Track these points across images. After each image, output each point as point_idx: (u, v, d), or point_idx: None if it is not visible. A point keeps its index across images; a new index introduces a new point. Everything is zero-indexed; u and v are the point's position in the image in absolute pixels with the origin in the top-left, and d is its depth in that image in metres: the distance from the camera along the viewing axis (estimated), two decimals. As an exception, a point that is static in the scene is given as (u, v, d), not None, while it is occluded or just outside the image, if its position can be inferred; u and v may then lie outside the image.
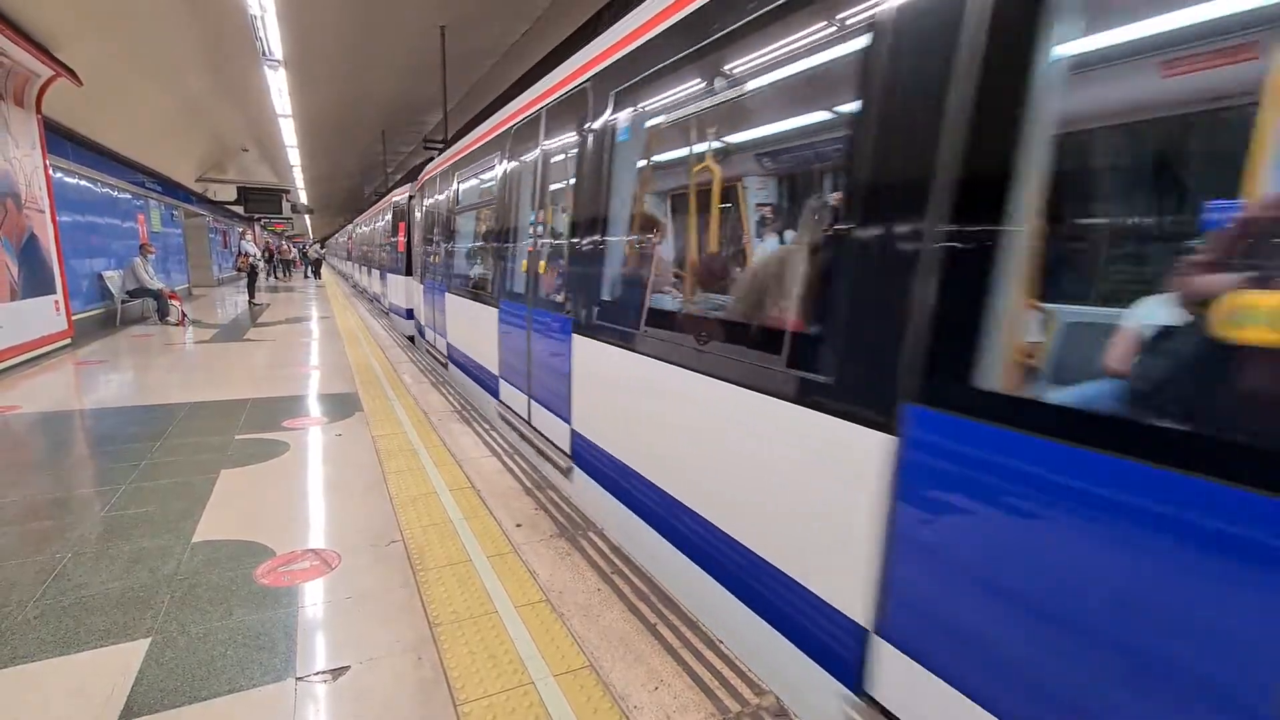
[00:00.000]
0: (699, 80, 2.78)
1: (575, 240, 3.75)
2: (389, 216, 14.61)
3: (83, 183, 10.83)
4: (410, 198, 11.78)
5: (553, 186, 4.53)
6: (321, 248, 43.79)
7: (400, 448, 4.70)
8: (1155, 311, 1.64)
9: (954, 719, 1.54)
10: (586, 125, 3.74)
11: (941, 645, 1.58)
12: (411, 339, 11.45)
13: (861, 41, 1.87)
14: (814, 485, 1.98)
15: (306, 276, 29.85)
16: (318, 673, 2.23)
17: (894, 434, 1.66)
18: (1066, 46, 1.42)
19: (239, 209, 20.75)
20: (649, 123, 3.27)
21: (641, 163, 3.44)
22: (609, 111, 3.47)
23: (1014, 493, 1.39)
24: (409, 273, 12.05)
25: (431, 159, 10.27)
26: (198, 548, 3.11)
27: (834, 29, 2.05)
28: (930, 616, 1.61)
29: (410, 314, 11.83)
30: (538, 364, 4.46)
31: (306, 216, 41.27)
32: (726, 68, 2.59)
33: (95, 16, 8.10)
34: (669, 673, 2.24)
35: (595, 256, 3.53)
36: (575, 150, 3.93)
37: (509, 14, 9.62)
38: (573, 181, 3.91)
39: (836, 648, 1.93)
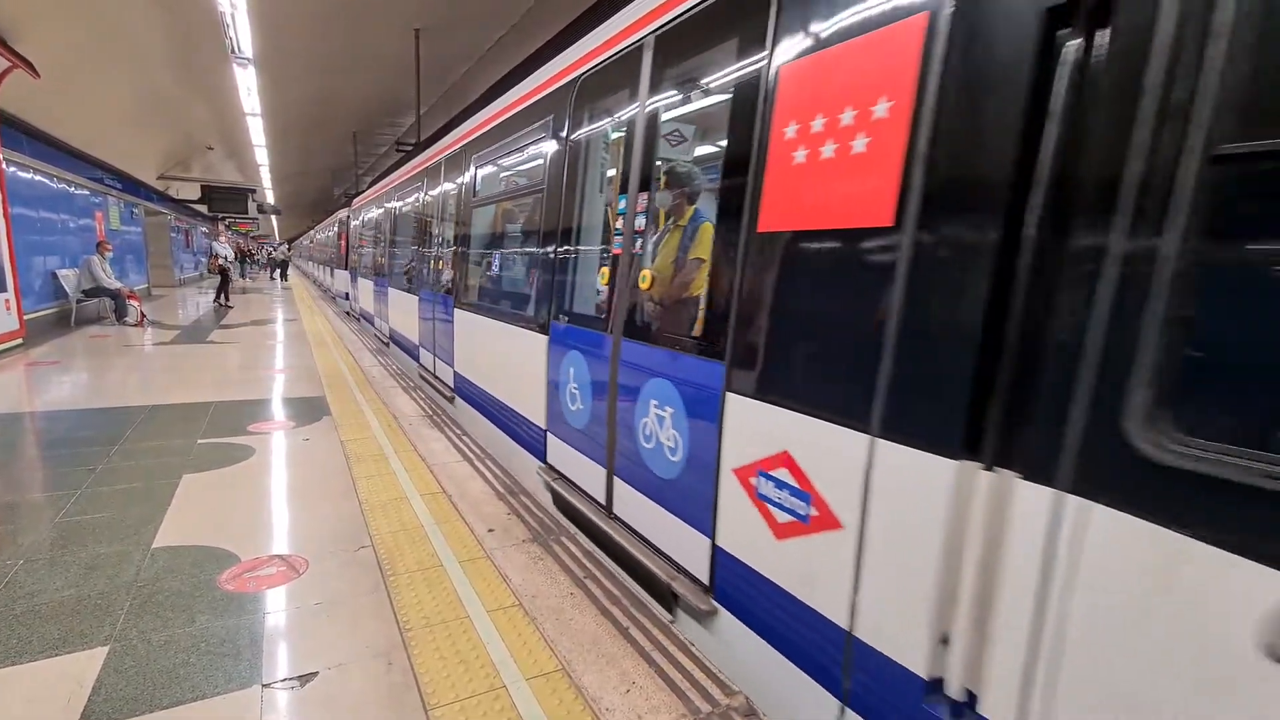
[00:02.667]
0: (500, 158, 5.15)
1: (454, 247, 6.27)
2: (335, 228, 20.06)
3: (38, 177, 10.46)
4: (348, 215, 16.39)
5: (445, 212, 6.91)
6: (289, 249, 42.85)
7: (370, 452, 4.64)
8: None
9: (567, 458, 3.68)
10: (459, 179, 6.21)
11: (561, 426, 3.73)
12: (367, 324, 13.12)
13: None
14: (524, 364, 4.19)
15: (272, 278, 29.13)
16: (285, 679, 2.19)
17: (546, 334, 3.83)
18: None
19: (202, 208, 20.24)
20: (483, 177, 5.65)
21: (484, 205, 5.75)
22: (470, 170, 5.81)
23: (572, 346, 3.51)
24: (345, 268, 16.73)
25: (406, 159, 10.22)
26: (158, 554, 3.03)
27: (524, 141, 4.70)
28: (560, 413, 3.71)
29: (348, 296, 16.22)
30: (438, 330, 6.75)
31: (274, 217, 40.43)
32: (504, 159, 5.12)
33: (55, 7, 7.86)
34: (641, 675, 2.26)
35: (464, 257, 5.99)
36: (454, 192, 6.46)
37: (485, 19, 9.60)
38: (452, 212, 6.52)
39: (536, 443, 4.08)
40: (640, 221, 2.97)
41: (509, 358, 4.54)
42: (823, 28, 1.95)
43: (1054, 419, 1.32)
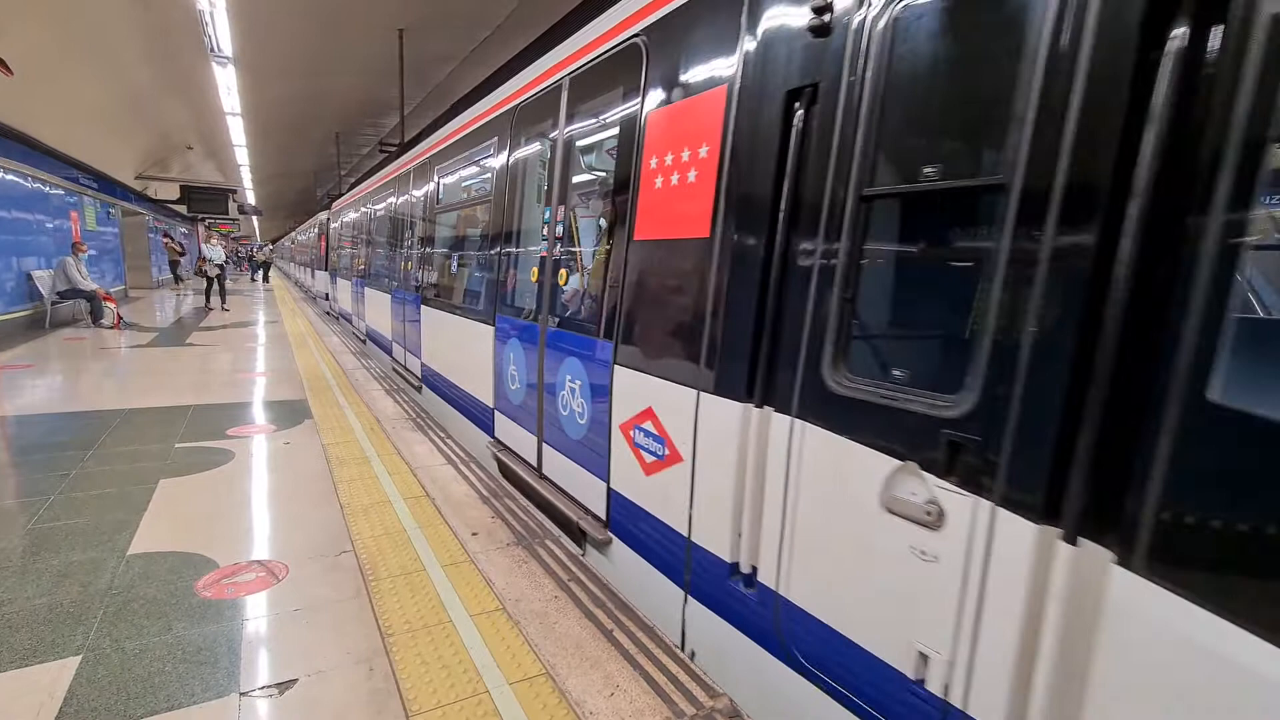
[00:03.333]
0: (458, 170, 5.89)
1: (420, 249, 7.04)
2: (315, 230, 20.21)
3: (10, 177, 10.24)
4: (328, 217, 16.74)
5: (413, 217, 7.43)
6: (271, 249, 42.29)
7: (352, 456, 4.59)
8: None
9: (509, 430, 4.25)
10: (425, 187, 6.86)
11: (504, 403, 4.32)
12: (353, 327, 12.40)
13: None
14: (476, 352, 4.76)
15: (254, 280, 28.71)
16: (263, 687, 2.16)
17: (493, 325, 4.39)
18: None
19: (182, 208, 19.93)
20: (444, 186, 6.31)
21: (445, 212, 6.42)
22: (434, 180, 6.46)
23: (511, 335, 4.13)
24: (326, 269, 17.17)
25: (388, 160, 10.15)
26: (134, 560, 2.98)
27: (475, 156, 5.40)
28: (504, 393, 4.30)
29: (328, 297, 16.49)
30: (408, 326, 7.32)
31: (255, 218, 39.93)
32: (461, 171, 5.88)
33: (28, 3, 7.70)
34: (625, 678, 2.25)
35: (428, 258, 6.75)
36: (421, 199, 7.10)
37: (469, 20, 9.57)
38: (419, 217, 7.15)
39: (486, 420, 4.66)
40: (560, 229, 3.58)
41: (464, 347, 5.17)
42: (671, 87, 2.59)
43: (789, 371, 1.95)
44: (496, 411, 4.44)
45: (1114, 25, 1.22)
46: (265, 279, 27.59)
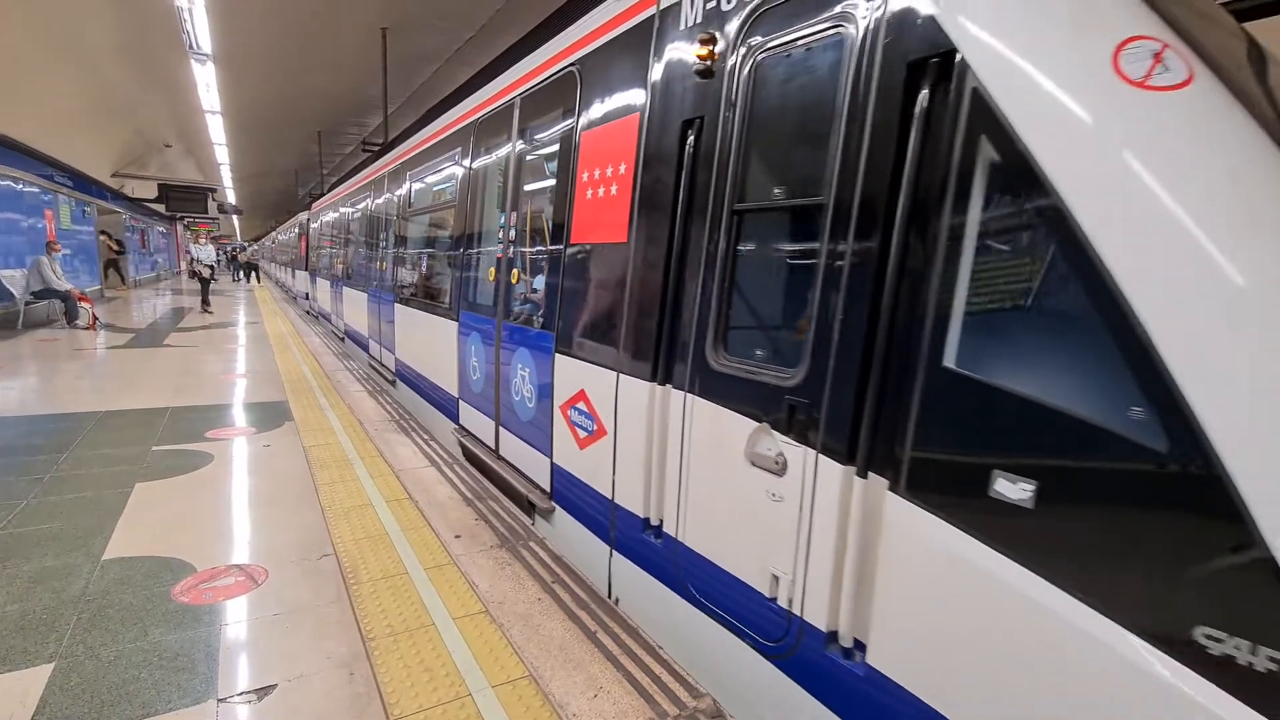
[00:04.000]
0: (428, 176, 6.19)
1: (394, 250, 7.27)
2: (296, 230, 20.38)
3: (-19, 174, 10.02)
4: (308, 218, 16.84)
5: (388, 219, 7.75)
6: (255, 249, 41.71)
7: (334, 458, 4.55)
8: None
9: (471, 417, 4.61)
10: (399, 191, 7.23)
11: (467, 392, 4.65)
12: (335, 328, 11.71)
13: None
14: (442, 346, 5.09)
15: (236, 280, 28.24)
16: (242, 693, 2.14)
17: (457, 320, 4.76)
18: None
19: (160, 207, 19.60)
20: (416, 191, 6.61)
21: (417, 215, 6.70)
22: (406, 184, 6.87)
23: (473, 329, 4.51)
24: (306, 269, 17.01)
25: (369, 160, 10.06)
26: (109, 566, 2.93)
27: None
28: (466, 382, 4.66)
29: (308, 297, 16.40)
30: (383, 324, 7.62)
31: (235, 217, 39.39)
32: (431, 177, 6.14)
33: (0, -3, 7.55)
34: (609, 679, 2.25)
35: (401, 258, 6.98)
36: (395, 202, 7.40)
37: (453, 20, 9.50)
38: (393, 219, 7.44)
39: (452, 409, 4.99)
40: (513, 233, 3.97)
41: (432, 342, 5.51)
42: (598, 111, 3.01)
43: (683, 353, 2.36)
44: (461, 401, 4.80)
45: (887, 88, 1.65)
46: (248, 279, 27.02)
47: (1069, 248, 1.32)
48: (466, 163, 4.87)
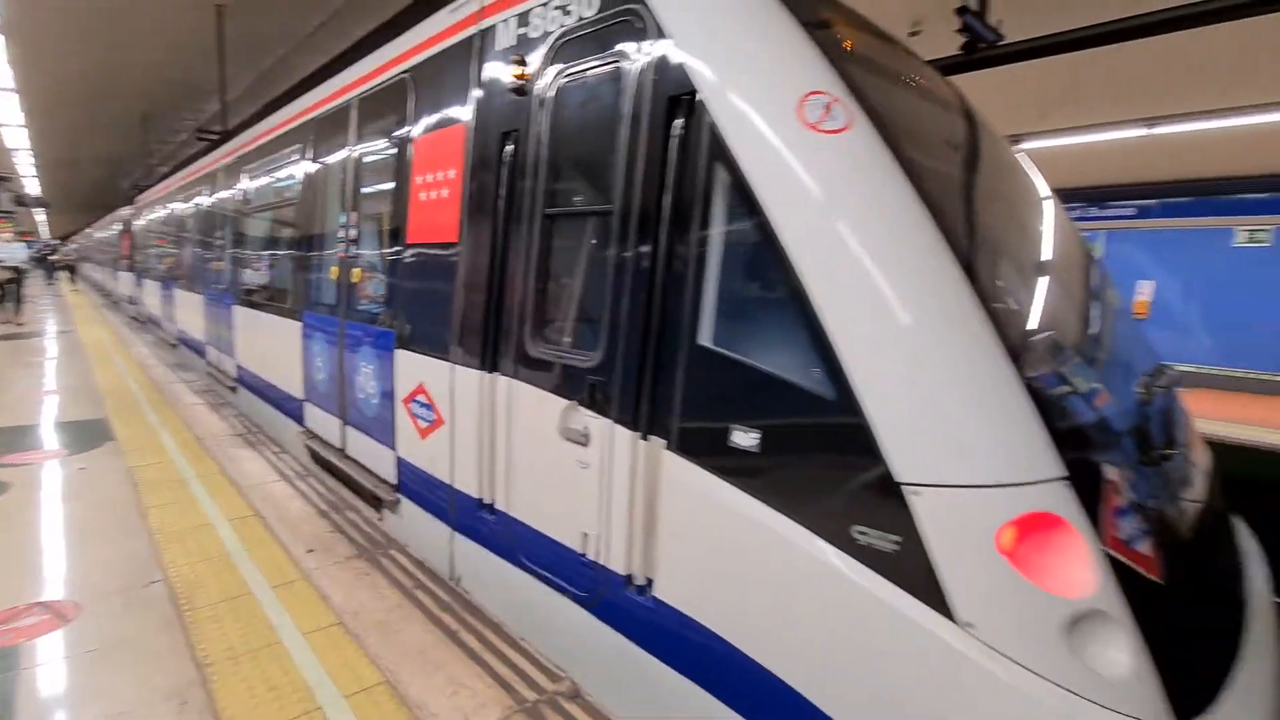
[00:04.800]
0: (266, 173, 5.85)
1: (230, 249, 6.86)
2: (118, 226, 18.76)
3: None
4: (131, 213, 15.72)
5: (223, 216, 7.33)
6: (74, 249, 36.21)
7: (165, 478, 4.13)
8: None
9: (317, 418, 4.49)
10: (234, 187, 6.85)
11: (312, 393, 4.54)
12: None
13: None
14: (286, 348, 4.85)
15: (49, 283, 24.44)
16: (46, 740, 1.92)
17: (300, 321, 4.65)
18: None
19: (-66, 197, 16.54)
20: (255, 188, 6.25)
21: (256, 213, 6.35)
22: (243, 180, 6.53)
23: (317, 328, 4.40)
24: (131, 270, 15.55)
25: (207, 150, 9.16)
26: None
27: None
28: (312, 383, 4.54)
29: (133, 301, 15.24)
30: (220, 327, 7.11)
31: (40, 211, 34.00)
32: (269, 175, 5.80)
33: None
34: (469, 676, 2.27)
35: (238, 258, 6.59)
36: (230, 199, 7.02)
37: (297, 2, 8.86)
38: (229, 217, 7.06)
39: (298, 412, 4.80)
40: (354, 233, 4.00)
41: (275, 344, 5.29)
42: (429, 118, 3.17)
43: (507, 343, 2.59)
44: (306, 403, 4.69)
45: (654, 115, 2.04)
46: (73, 279, 23.48)
47: (773, 253, 1.73)
48: (308, 160, 4.74)
